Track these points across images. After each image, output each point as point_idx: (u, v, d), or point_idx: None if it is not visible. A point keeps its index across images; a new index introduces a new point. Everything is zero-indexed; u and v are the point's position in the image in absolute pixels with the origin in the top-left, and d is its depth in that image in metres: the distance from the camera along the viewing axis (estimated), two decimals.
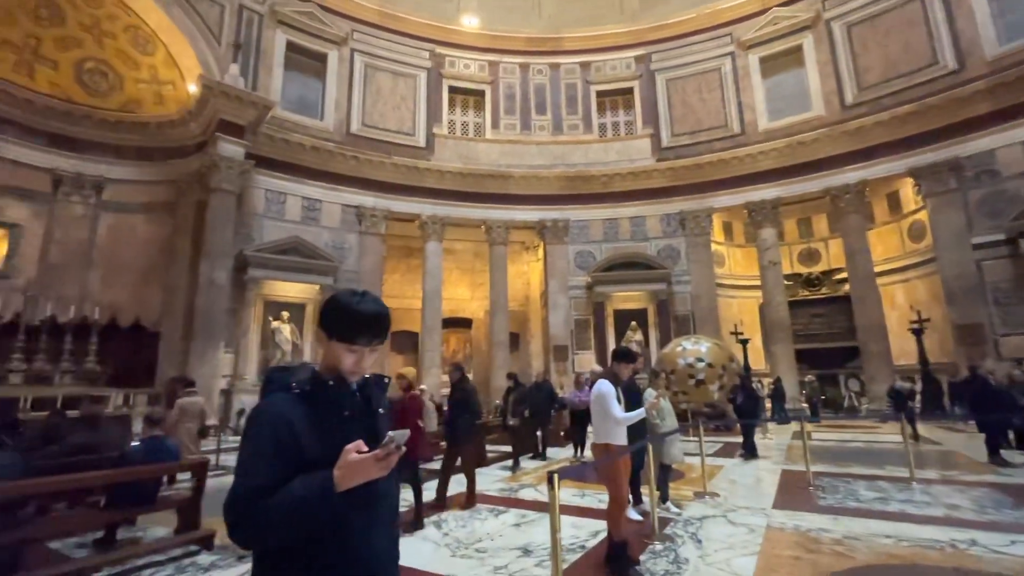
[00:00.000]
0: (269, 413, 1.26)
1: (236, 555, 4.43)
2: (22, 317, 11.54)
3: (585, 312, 17.60)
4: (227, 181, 13.51)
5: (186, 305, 13.43)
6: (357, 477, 1.16)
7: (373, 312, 1.34)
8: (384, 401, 1.46)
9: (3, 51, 13.20)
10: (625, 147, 18.68)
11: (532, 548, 4.48)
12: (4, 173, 13.21)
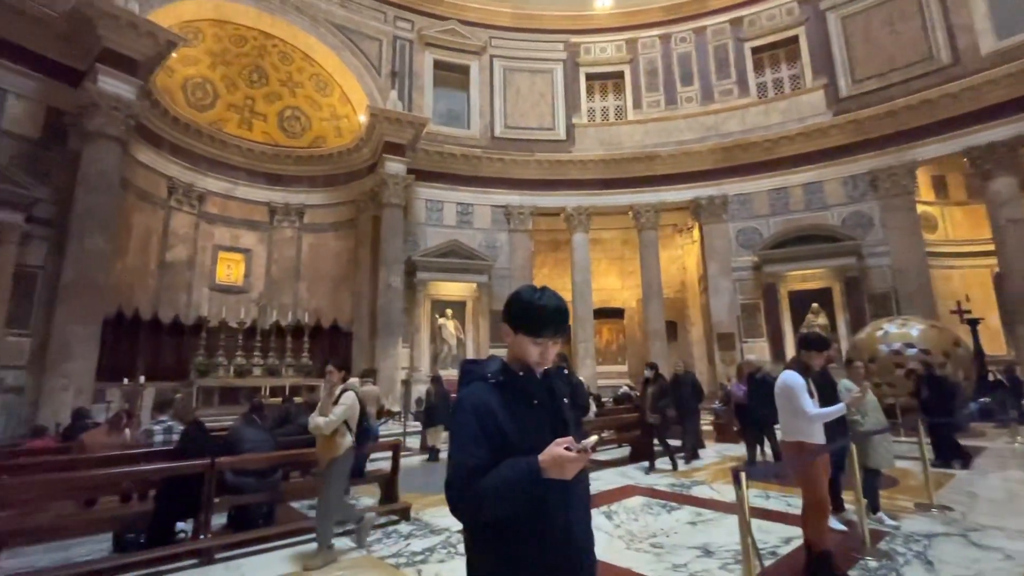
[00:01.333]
0: (473, 401, 1.40)
1: (429, 528, 4.94)
2: (257, 322, 14.48)
3: (753, 295, 15.91)
4: (394, 196, 15.21)
5: (370, 307, 15.47)
6: (558, 470, 1.25)
7: (554, 307, 1.44)
8: (566, 390, 1.53)
9: (230, 113, 16.65)
10: (791, 105, 16.37)
11: (713, 549, 4.19)
12: (238, 209, 16.68)
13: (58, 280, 10.62)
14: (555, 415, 1.45)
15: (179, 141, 14.97)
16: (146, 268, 14.17)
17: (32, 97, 11.15)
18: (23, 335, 10.47)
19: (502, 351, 1.60)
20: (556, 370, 1.53)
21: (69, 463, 4.86)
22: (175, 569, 3.98)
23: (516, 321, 1.45)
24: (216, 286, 15.84)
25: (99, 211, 10.98)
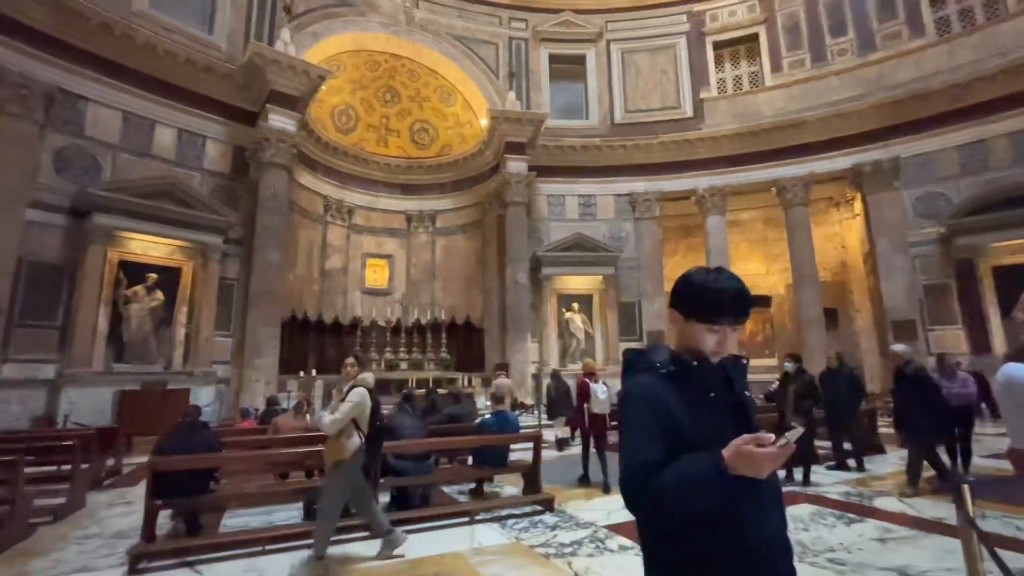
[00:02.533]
0: (642, 393, 1.29)
1: (575, 521, 4.89)
2: (401, 321, 15.85)
3: (940, 274, 13.30)
4: (517, 194, 15.54)
5: (499, 304, 16.02)
6: (750, 468, 1.11)
7: (735, 289, 1.30)
8: (745, 381, 1.39)
9: (369, 133, 18.40)
10: (987, 38, 13.32)
11: (912, 573, 3.51)
12: (380, 219, 18.41)
13: (248, 289, 12.70)
14: (736, 408, 1.32)
15: (330, 163, 16.95)
16: (311, 276, 16.32)
17: (223, 140, 13.44)
18: (227, 336, 12.71)
19: (630, 345, 1.43)
20: (733, 359, 1.36)
21: (267, 442, 5.74)
22: (351, 540, 4.43)
23: (688, 307, 1.33)
24: (366, 289, 17.68)
25: (274, 230, 12.91)
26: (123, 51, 11.61)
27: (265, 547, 4.19)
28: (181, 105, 12.61)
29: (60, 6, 10.65)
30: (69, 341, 10.40)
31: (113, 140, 11.66)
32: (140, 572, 3.70)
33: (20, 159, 10.24)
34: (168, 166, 12.30)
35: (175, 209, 11.71)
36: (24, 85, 10.29)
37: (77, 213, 10.82)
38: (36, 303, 10.27)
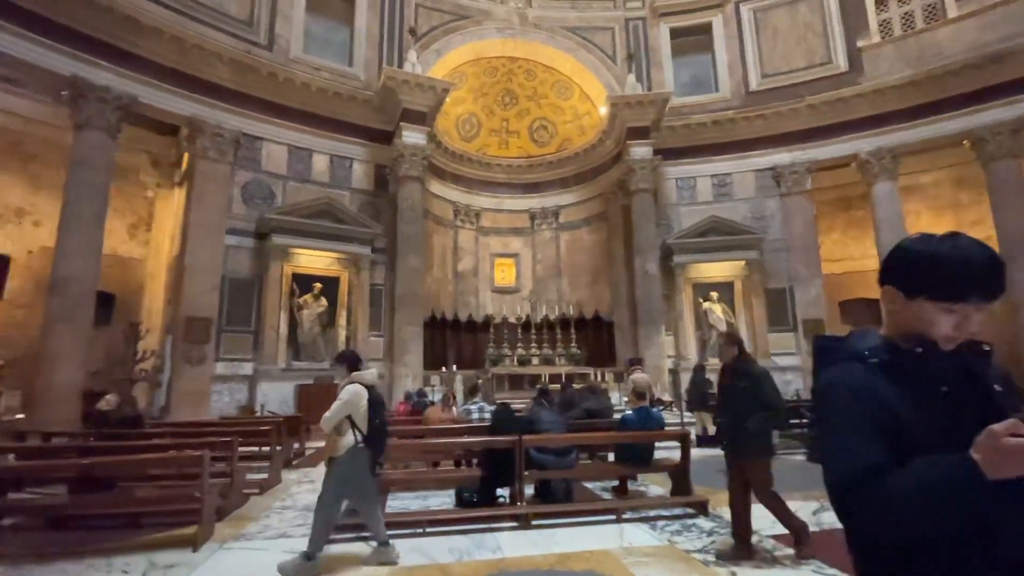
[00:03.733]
0: (849, 385, 1.07)
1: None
2: (530, 318, 16.13)
3: None
4: (642, 180, 14.86)
5: (628, 296, 15.48)
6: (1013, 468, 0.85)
7: (985, 257, 1.03)
8: (993, 374, 1.09)
9: (491, 137, 19.04)
10: None
11: None
12: (505, 219, 18.96)
13: (393, 293, 13.95)
14: (982, 407, 1.02)
15: (457, 170, 17.89)
16: (445, 278, 17.41)
17: (366, 160, 14.92)
18: (379, 335, 14.09)
19: (780, 336, 1.13)
20: (971, 346, 1.07)
21: (419, 432, 6.19)
22: (501, 528, 4.55)
23: (915, 282, 1.07)
24: (495, 288, 18.35)
25: (412, 237, 13.98)
26: (286, 93, 13.50)
27: (425, 529, 4.50)
28: (331, 133, 14.28)
29: (239, 63, 12.73)
30: (260, 343, 12.41)
31: (282, 171, 13.62)
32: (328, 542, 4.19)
33: (219, 195, 12.46)
34: (324, 188, 14.01)
35: (331, 225, 13.33)
36: (218, 133, 12.49)
37: (260, 235, 12.86)
38: (235, 312, 12.41)
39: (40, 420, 9.42)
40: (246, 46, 12.94)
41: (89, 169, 10.83)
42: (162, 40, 11.62)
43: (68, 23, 10.48)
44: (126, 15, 11.07)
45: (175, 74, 11.94)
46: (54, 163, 12.30)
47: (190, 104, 12.16)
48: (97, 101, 10.84)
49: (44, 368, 10.04)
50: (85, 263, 10.57)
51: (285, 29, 13.83)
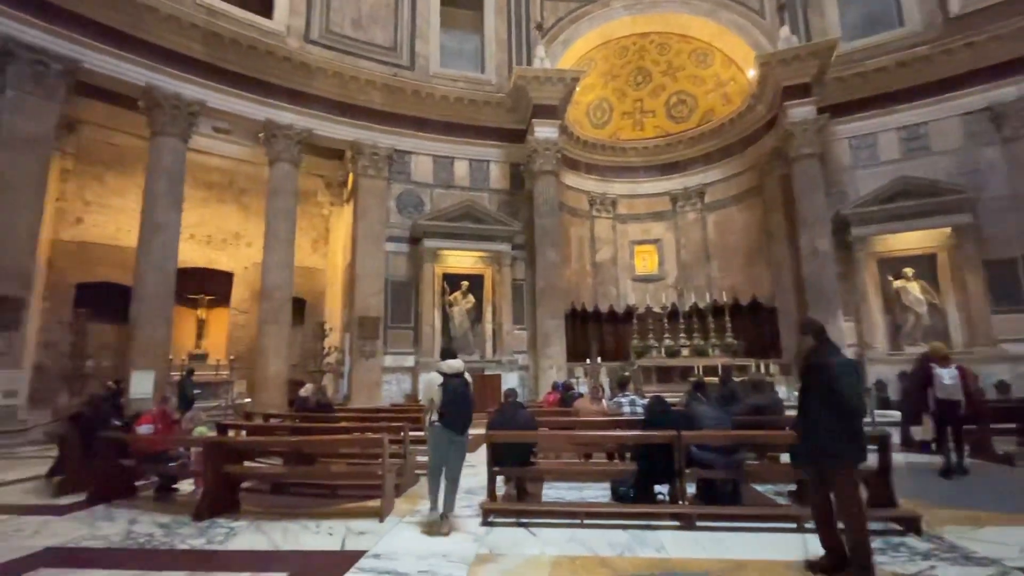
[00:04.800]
0: None
1: (962, 553, 3.62)
2: (676, 306, 15.22)
3: None
4: (805, 146, 13.00)
5: (793, 278, 13.70)
6: None
7: None
8: None
9: (624, 121, 18.34)
10: None
11: None
12: (643, 205, 18.14)
13: (534, 287, 14.24)
14: None
15: (590, 160, 17.59)
16: (584, 270, 17.26)
17: (501, 160, 15.46)
18: (522, 329, 14.53)
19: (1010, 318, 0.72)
20: None
21: (569, 423, 6.19)
22: (662, 527, 4.31)
23: None
24: (637, 277, 17.68)
25: (549, 231, 14.11)
26: (428, 107, 14.59)
27: (583, 520, 4.45)
28: (469, 139, 15.08)
29: (388, 87, 14.09)
30: (419, 338, 13.64)
31: (429, 180, 14.77)
32: (489, 524, 4.39)
33: (378, 208, 13.98)
34: (465, 192, 14.85)
35: (473, 226, 14.08)
36: (375, 152, 14.00)
37: (413, 240, 14.12)
38: (398, 311, 13.81)
39: (259, 403, 11.59)
40: (393, 69, 14.28)
41: (281, 196, 12.96)
42: (327, 77, 13.38)
43: (261, 76, 12.63)
44: (302, 62, 12.98)
45: (339, 105, 13.68)
46: (257, 193, 14.97)
47: (352, 130, 13.83)
48: (284, 138, 12.92)
49: (260, 361, 12.32)
50: (283, 275, 12.69)
51: (424, 48, 14.95)
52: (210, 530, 4.27)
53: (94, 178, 13.84)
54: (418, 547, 3.87)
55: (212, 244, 15.76)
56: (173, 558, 3.66)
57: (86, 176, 13.70)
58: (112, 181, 13.98)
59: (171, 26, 11.33)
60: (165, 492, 5.45)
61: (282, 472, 5.53)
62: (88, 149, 13.51)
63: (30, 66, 9.72)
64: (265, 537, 4.07)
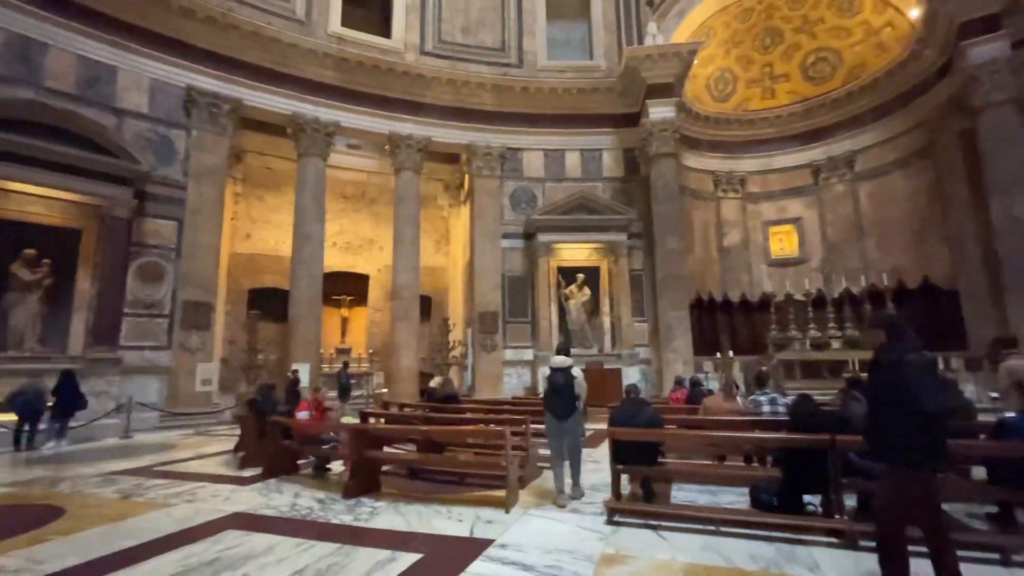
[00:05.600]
0: None
1: None
2: (822, 292, 13.41)
3: None
4: (996, 91, 10.72)
5: (981, 254, 11.31)
6: None
7: None
8: None
9: (751, 90, 16.60)
10: None
11: None
12: (777, 180, 16.29)
13: (654, 278, 13.57)
14: None
15: (713, 136, 16.25)
16: (709, 256, 16.03)
17: (613, 147, 14.96)
18: (642, 321, 13.95)
19: None
20: None
21: (699, 422, 5.74)
22: (815, 543, 3.78)
23: None
24: (773, 261, 15.97)
25: (669, 217, 13.32)
26: (537, 102, 14.63)
27: (719, 527, 4.08)
28: (579, 129, 14.83)
29: (498, 87, 14.40)
30: (536, 331, 13.79)
31: (540, 175, 14.83)
32: (615, 523, 4.23)
33: (493, 206, 14.38)
34: (577, 183, 14.64)
35: (587, 217, 13.81)
36: (488, 153, 14.41)
37: (527, 236, 14.29)
38: (515, 305, 14.11)
39: (394, 393, 12.63)
40: (501, 69, 14.56)
41: (405, 202, 13.95)
42: (441, 85, 14.06)
43: (384, 93, 13.69)
44: (418, 74, 13.81)
45: (453, 111, 14.31)
46: (385, 202, 16.31)
47: (466, 133, 14.39)
48: (405, 148, 13.87)
49: (394, 355, 13.42)
50: (410, 275, 13.66)
51: (531, 43, 15.01)
52: (356, 508, 4.70)
53: (258, 199, 16.20)
54: (544, 541, 3.86)
55: (350, 250, 17.55)
56: (328, 530, 4.09)
57: (251, 197, 16.09)
58: (271, 200, 16.24)
59: (309, 58, 12.78)
60: (321, 471, 6.15)
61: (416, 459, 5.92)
62: (252, 174, 15.84)
63: (206, 109, 11.63)
64: (402, 518, 4.37)
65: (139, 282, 10.48)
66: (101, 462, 6.96)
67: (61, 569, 3.32)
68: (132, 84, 10.86)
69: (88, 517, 4.46)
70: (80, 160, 9.55)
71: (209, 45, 11.65)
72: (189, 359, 10.79)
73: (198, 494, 5.22)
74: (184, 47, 11.38)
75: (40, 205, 9.63)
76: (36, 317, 9.31)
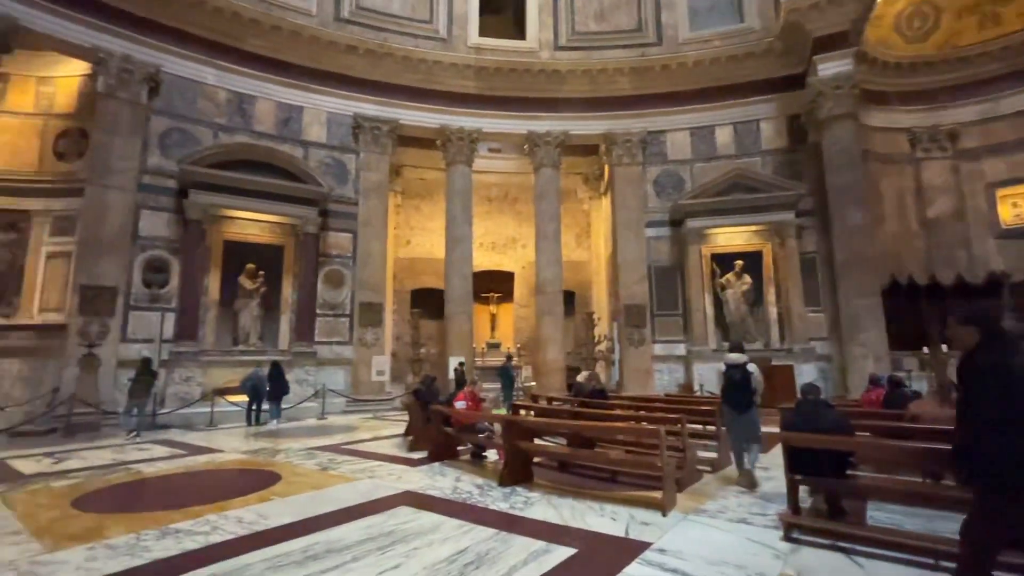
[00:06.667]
0: None
1: None
2: None
3: None
4: None
5: None
6: None
7: None
8: None
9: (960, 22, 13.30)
10: None
11: None
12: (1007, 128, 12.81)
13: (831, 260, 11.69)
14: None
15: (907, 86, 13.45)
16: (908, 231, 13.29)
17: (773, 116, 13.26)
18: (816, 311, 12.13)
19: None
20: None
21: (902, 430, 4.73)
22: None
23: None
24: (1003, 232, 12.63)
25: (848, 189, 11.38)
26: (679, 79, 13.66)
27: (938, 561, 3.30)
28: (731, 101, 13.46)
29: (635, 70, 13.76)
30: (689, 325, 12.87)
31: (687, 155, 13.82)
32: (793, 541, 3.69)
33: (635, 194, 13.81)
34: (731, 161, 13.29)
35: (743, 197, 12.46)
36: (627, 140, 13.85)
37: (674, 223, 13.41)
38: (663, 297, 13.36)
39: (542, 386, 12.88)
40: (639, 51, 13.88)
41: (545, 199, 14.12)
42: (576, 77, 13.92)
43: (520, 94, 14.03)
44: (553, 70, 13.88)
45: (590, 101, 14.08)
46: (526, 200, 16.72)
47: (603, 122, 14.06)
48: (543, 145, 14.03)
49: (540, 349, 13.69)
50: (553, 270, 13.81)
51: (670, 16, 14.06)
52: (511, 496, 4.84)
53: (415, 208, 17.87)
54: (708, 551, 3.52)
55: (496, 249, 18.38)
56: (486, 515, 4.27)
57: (409, 207, 17.80)
58: (426, 208, 17.78)
59: (451, 72, 13.67)
60: (478, 458, 6.50)
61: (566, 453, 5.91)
62: (409, 186, 17.51)
63: (370, 132, 13.16)
64: (555, 511, 4.37)
65: (326, 287, 12.34)
66: (304, 438, 8.31)
67: (280, 524, 3.99)
68: (314, 119, 12.80)
69: (297, 483, 5.32)
70: (282, 188, 11.56)
71: (370, 75, 13.17)
72: (366, 352, 12.38)
73: (377, 472, 5.88)
74: (350, 81, 13.03)
75: (255, 227, 11.89)
76: (256, 318, 11.52)
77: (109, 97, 10.41)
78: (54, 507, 4.53)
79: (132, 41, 10.67)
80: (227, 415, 10.08)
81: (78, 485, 5.34)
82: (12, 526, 4.04)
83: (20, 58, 10.52)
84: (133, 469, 6.13)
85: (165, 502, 4.67)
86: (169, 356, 10.27)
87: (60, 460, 6.70)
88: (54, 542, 3.66)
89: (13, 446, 7.79)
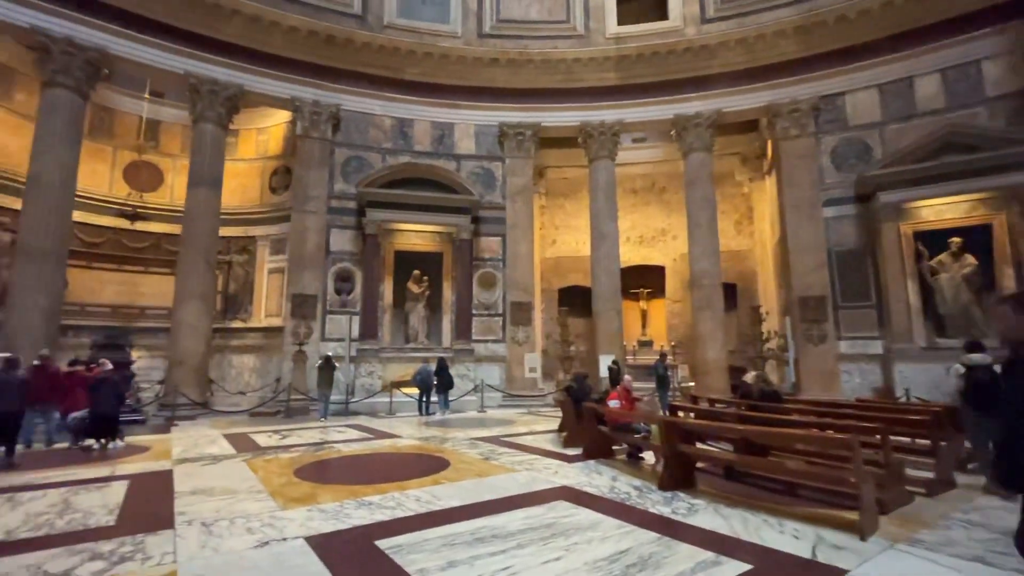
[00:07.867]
0: None
1: None
2: None
3: None
4: None
5: None
6: None
7: None
8: None
9: None
10: None
11: None
12: None
13: None
14: None
15: None
16: None
17: (1003, 53, 10.52)
18: None
19: None
20: None
21: None
22: None
23: None
24: None
25: None
26: (862, 26, 11.61)
27: None
28: (938, 42, 11.04)
29: (806, 27, 12.04)
30: (886, 318, 10.82)
31: (875, 118, 11.74)
32: None
33: (806, 170, 12.12)
34: (938, 116, 10.88)
35: (962, 159, 10.06)
36: (794, 109, 12.19)
37: (860, 199, 11.39)
38: (849, 287, 11.47)
39: (701, 387, 11.97)
40: (806, 6, 12.14)
41: (698, 185, 13.14)
42: (729, 50, 12.71)
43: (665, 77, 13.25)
44: (701, 46, 12.86)
45: (746, 73, 12.73)
46: (675, 189, 15.79)
47: (763, 94, 12.66)
48: (693, 128, 13.08)
49: (698, 347, 12.76)
50: (709, 261, 12.77)
51: None
52: (673, 501, 4.57)
53: (559, 207, 18.07)
54: None
55: (643, 242, 17.66)
56: (647, 519, 4.09)
57: (553, 207, 18.05)
58: (569, 207, 17.86)
59: (590, 67, 13.51)
60: (634, 459, 6.29)
61: (734, 459, 5.39)
62: (552, 186, 17.77)
63: (514, 138, 13.68)
64: (724, 522, 4.01)
65: (480, 288, 13.16)
66: (467, 429, 8.96)
67: (450, 507, 4.34)
68: (463, 133, 13.76)
69: (463, 470, 5.74)
70: (440, 200, 12.67)
71: (511, 83, 13.69)
72: (518, 350, 12.89)
73: (534, 465, 6.06)
74: (494, 92, 13.70)
75: (418, 237, 13.23)
76: (423, 319, 12.79)
77: (305, 137, 12.55)
78: (283, 475, 5.57)
79: (319, 88, 12.70)
80: (402, 404, 11.41)
81: (297, 458, 6.49)
82: (257, 487, 5.07)
83: (244, 116, 13.30)
84: (335, 448, 7.26)
85: (360, 477, 5.43)
86: (356, 353, 11.96)
87: (284, 436, 8.24)
88: (284, 503, 4.49)
89: (253, 424, 9.82)
